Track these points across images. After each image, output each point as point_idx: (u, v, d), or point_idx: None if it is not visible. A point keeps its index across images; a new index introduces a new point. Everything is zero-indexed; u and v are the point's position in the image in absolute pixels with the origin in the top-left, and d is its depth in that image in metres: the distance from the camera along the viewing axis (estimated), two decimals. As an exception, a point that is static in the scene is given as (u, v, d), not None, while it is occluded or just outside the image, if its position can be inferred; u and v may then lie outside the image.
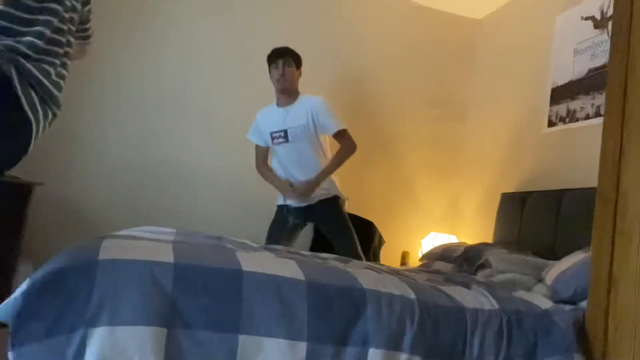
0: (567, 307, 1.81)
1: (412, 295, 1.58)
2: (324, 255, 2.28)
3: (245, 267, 1.46)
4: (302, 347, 1.38)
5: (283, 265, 1.54)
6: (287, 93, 2.93)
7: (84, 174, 3.13)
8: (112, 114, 3.20)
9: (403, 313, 1.51)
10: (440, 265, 2.80)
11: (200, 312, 1.34)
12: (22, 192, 2.47)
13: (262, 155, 3.07)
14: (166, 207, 3.24)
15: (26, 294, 1.29)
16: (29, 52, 1.68)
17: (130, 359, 1.26)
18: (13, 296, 1.32)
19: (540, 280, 2.17)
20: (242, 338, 1.35)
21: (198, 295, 1.36)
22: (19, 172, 2.55)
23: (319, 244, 3.37)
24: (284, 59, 2.90)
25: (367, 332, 1.45)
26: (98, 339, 1.25)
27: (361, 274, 1.65)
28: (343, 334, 1.43)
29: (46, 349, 1.23)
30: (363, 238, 3.38)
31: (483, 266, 2.40)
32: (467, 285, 1.88)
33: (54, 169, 3.02)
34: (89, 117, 3.16)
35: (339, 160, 2.95)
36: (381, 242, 3.41)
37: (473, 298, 1.71)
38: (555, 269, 2.04)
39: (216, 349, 1.32)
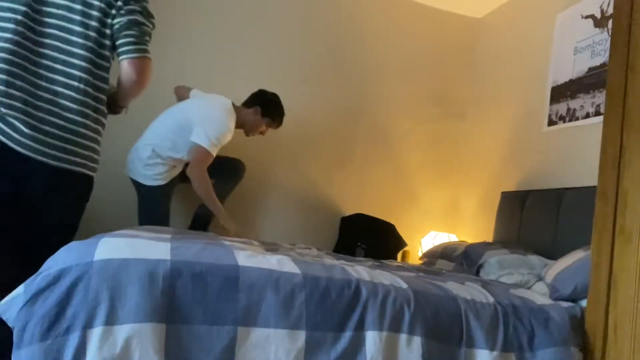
0: (565, 304, 1.82)
1: (405, 285, 1.61)
2: (317, 252, 2.33)
3: (242, 262, 1.47)
4: (301, 335, 1.39)
5: (279, 261, 1.56)
6: None
7: (84, 173, 3.12)
8: (112, 113, 3.20)
9: (399, 299, 1.54)
10: (441, 263, 2.81)
11: (198, 307, 1.35)
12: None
13: None
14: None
15: (23, 297, 1.29)
16: None
17: (131, 356, 1.26)
18: (11, 296, 1.32)
19: (540, 278, 2.17)
20: (240, 330, 1.36)
21: (195, 289, 1.36)
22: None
23: (343, 244, 3.40)
24: None
25: (365, 316, 1.47)
26: (97, 338, 1.25)
27: (355, 268, 1.67)
28: (341, 320, 1.45)
29: (42, 351, 1.22)
30: (385, 240, 3.40)
31: (483, 266, 2.40)
32: (460, 282, 1.89)
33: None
34: (88, 116, 3.15)
35: None
36: (402, 244, 3.41)
37: (466, 291, 1.72)
38: (555, 268, 2.05)
39: (215, 342, 1.33)
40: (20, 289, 1.32)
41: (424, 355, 1.47)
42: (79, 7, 1.55)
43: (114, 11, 1.58)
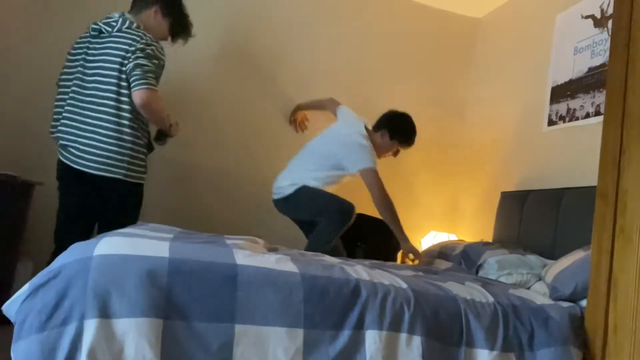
0: (565, 304, 1.82)
1: (404, 285, 1.61)
2: (309, 252, 2.33)
3: (240, 261, 1.48)
4: (299, 334, 1.40)
5: (277, 260, 1.57)
6: None
7: (84, 173, 3.12)
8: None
9: (399, 299, 1.54)
10: (439, 263, 2.80)
11: (196, 304, 1.36)
12: (22, 192, 2.47)
13: None
14: (167, 207, 3.24)
15: (26, 292, 1.31)
16: None
17: (126, 349, 1.27)
18: (16, 295, 1.33)
19: (540, 278, 2.17)
20: (238, 328, 1.36)
21: (193, 286, 1.37)
22: (19, 172, 2.56)
23: (343, 244, 3.38)
24: None
25: (364, 315, 1.47)
26: (93, 330, 1.26)
27: (354, 268, 1.67)
28: (340, 319, 1.46)
29: (39, 342, 1.24)
30: (385, 240, 3.39)
31: (482, 266, 2.40)
32: (460, 282, 1.89)
33: (54, 169, 3.01)
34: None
35: None
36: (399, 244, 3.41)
37: (466, 291, 1.72)
38: (555, 268, 2.05)
39: (212, 339, 1.34)
40: (25, 287, 1.33)
41: (424, 355, 1.47)
42: (107, 64, 2.29)
43: (126, 62, 2.28)
